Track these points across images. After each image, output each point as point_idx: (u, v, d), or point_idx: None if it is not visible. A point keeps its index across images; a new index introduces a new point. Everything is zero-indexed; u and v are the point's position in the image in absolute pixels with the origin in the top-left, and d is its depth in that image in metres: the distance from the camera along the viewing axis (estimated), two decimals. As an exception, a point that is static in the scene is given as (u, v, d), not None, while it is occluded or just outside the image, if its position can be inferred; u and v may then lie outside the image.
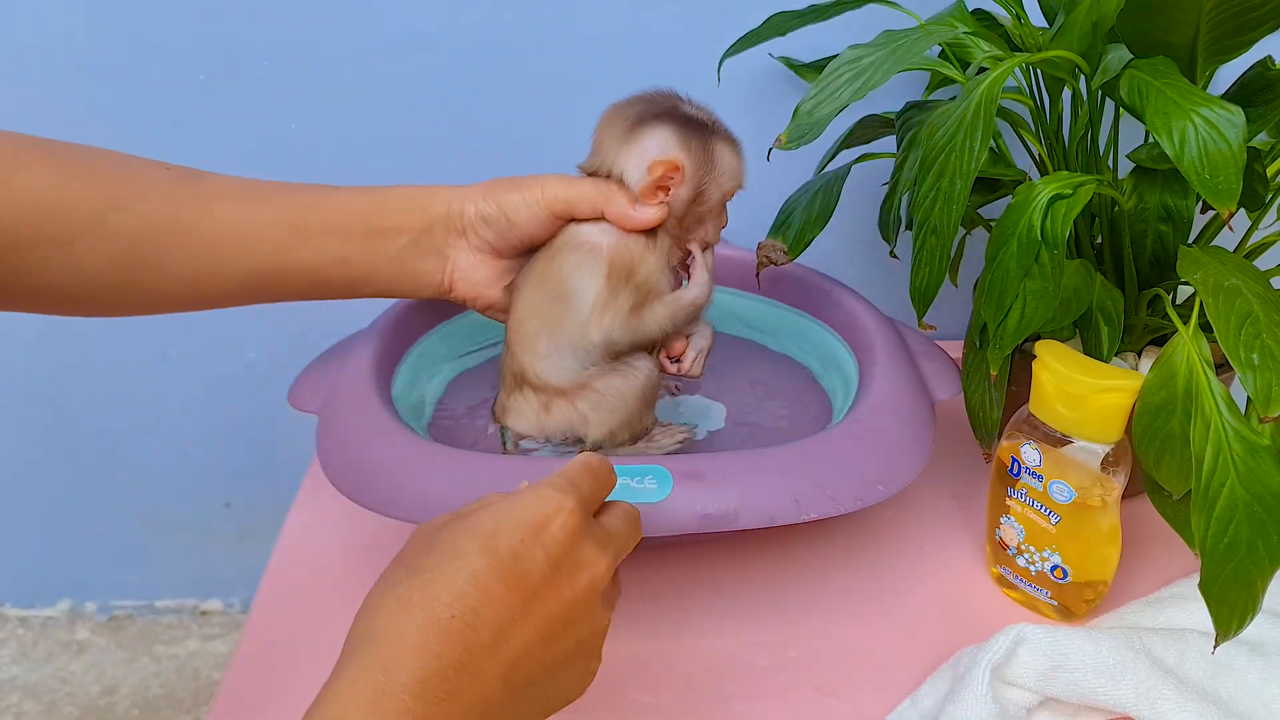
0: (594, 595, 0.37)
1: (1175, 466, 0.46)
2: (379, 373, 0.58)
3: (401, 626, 0.33)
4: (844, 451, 0.51)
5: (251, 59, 0.74)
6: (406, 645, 0.32)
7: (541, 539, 0.36)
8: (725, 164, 0.53)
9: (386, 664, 0.32)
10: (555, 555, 0.36)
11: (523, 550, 0.35)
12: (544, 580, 0.35)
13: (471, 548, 0.35)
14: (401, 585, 0.34)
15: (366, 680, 0.31)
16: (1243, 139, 0.43)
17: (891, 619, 0.54)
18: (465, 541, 0.35)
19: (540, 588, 0.35)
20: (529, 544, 0.35)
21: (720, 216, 0.55)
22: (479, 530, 0.35)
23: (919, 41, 0.51)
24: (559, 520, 0.36)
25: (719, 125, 0.54)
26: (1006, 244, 0.48)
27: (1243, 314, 0.43)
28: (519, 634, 0.35)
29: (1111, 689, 0.45)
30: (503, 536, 0.35)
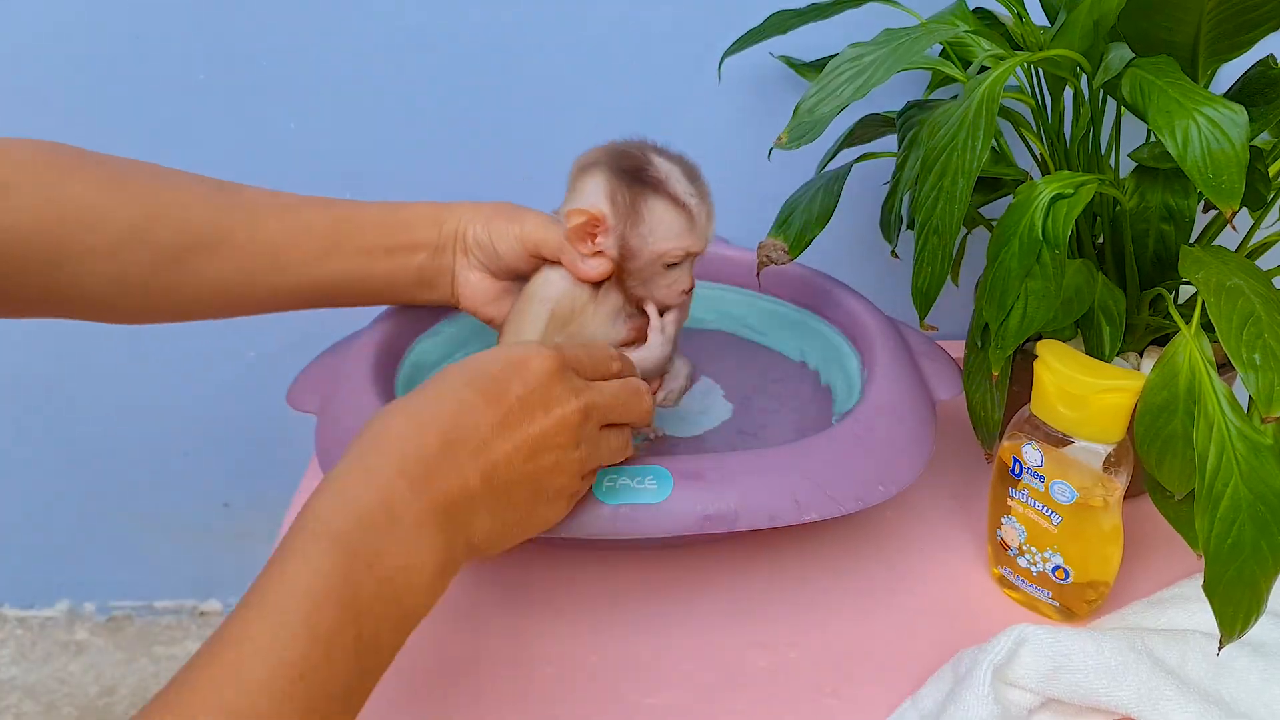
0: (565, 430, 0.42)
1: (1177, 467, 0.46)
2: (378, 373, 0.58)
3: (387, 427, 0.38)
4: (844, 451, 0.51)
5: (251, 59, 0.74)
6: (390, 437, 0.38)
7: (520, 372, 0.41)
8: (656, 221, 0.49)
9: (372, 453, 0.37)
10: (531, 386, 0.41)
11: (501, 376, 0.41)
12: (519, 403, 0.41)
13: (454, 371, 0.41)
14: (390, 405, 0.40)
15: (358, 466, 0.37)
16: (1245, 138, 0.42)
17: (891, 619, 0.54)
18: (449, 370, 0.41)
19: (515, 409, 0.40)
20: (507, 373, 0.41)
21: (670, 276, 0.52)
22: (464, 363, 0.42)
23: (920, 40, 0.51)
24: (536, 362, 0.42)
25: (666, 183, 0.49)
26: (1008, 243, 0.48)
27: (1245, 314, 0.43)
28: (498, 443, 0.40)
29: (1113, 690, 0.45)
30: (484, 364, 0.42)
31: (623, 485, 0.48)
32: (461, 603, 0.55)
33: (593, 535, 0.48)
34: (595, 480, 0.47)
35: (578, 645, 0.52)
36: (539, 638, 0.52)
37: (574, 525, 0.47)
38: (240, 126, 0.77)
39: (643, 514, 0.48)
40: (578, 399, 0.43)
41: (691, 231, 0.50)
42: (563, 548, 0.59)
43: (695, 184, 0.51)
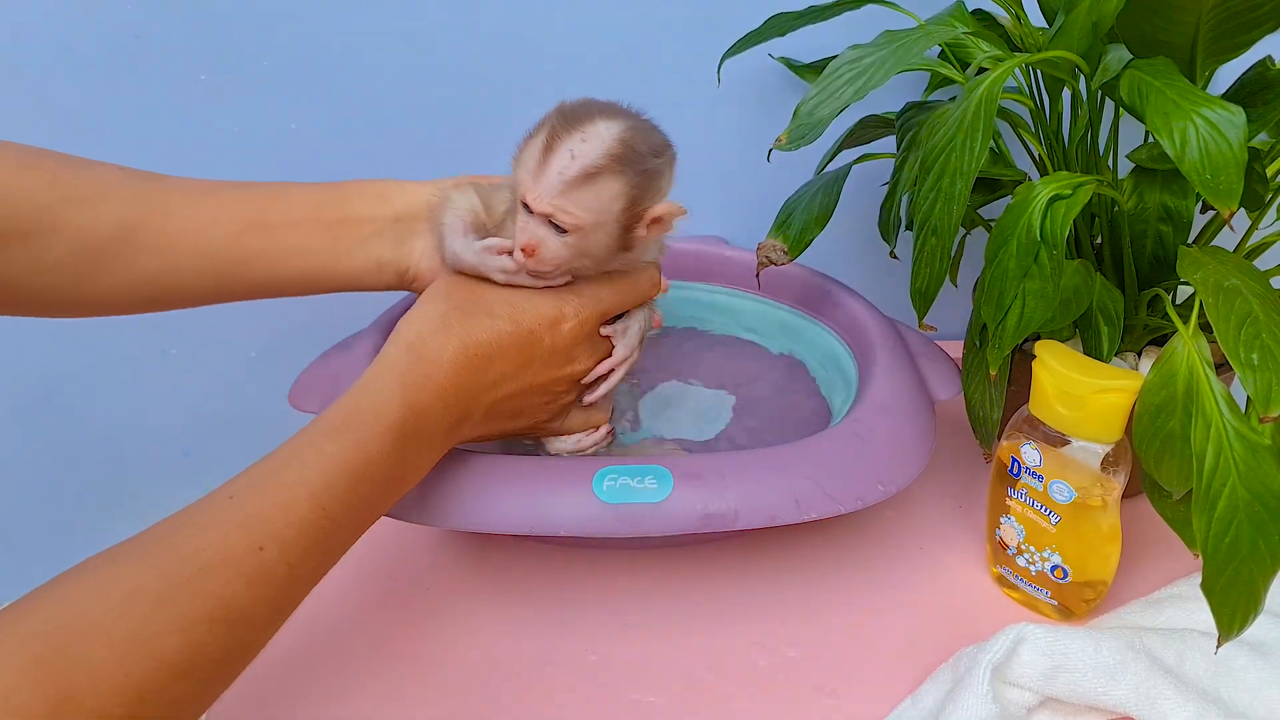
0: (570, 381, 0.51)
1: (1175, 466, 0.46)
2: (379, 373, 0.58)
3: (442, 346, 0.46)
4: (844, 451, 0.51)
5: (251, 59, 0.74)
6: (443, 357, 0.46)
7: (553, 331, 0.49)
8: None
9: (425, 366, 0.45)
10: (558, 347, 0.49)
11: (538, 332, 0.48)
12: (542, 359, 0.49)
13: (504, 314, 0.48)
14: (451, 317, 0.47)
15: (409, 369, 0.45)
16: (1244, 139, 0.43)
17: (891, 619, 0.54)
18: (501, 306, 0.48)
19: (536, 361, 0.49)
20: (542, 331, 0.48)
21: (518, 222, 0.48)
22: (514, 304, 0.48)
23: (919, 42, 0.51)
24: (570, 324, 0.49)
25: (545, 119, 0.48)
26: (1006, 244, 0.48)
27: (1242, 314, 0.43)
28: (510, 384, 0.48)
29: (1111, 689, 0.45)
30: (527, 319, 0.48)
31: (623, 485, 0.48)
32: (461, 603, 0.55)
33: (593, 535, 0.48)
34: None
35: (578, 645, 0.52)
36: (539, 638, 0.52)
37: (574, 525, 0.47)
38: (240, 127, 0.77)
39: (643, 514, 0.48)
40: (591, 358, 0.51)
41: (528, 172, 0.46)
42: (563, 548, 0.59)
43: (557, 134, 0.46)
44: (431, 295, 0.49)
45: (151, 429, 0.94)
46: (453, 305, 0.48)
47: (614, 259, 0.50)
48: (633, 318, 0.53)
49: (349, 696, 0.49)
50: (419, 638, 0.53)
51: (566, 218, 0.46)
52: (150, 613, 0.33)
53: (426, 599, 0.55)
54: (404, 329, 0.47)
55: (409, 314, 0.48)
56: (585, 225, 0.46)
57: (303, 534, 0.38)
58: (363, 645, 0.52)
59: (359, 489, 0.41)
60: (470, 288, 0.49)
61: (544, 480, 0.49)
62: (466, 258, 0.49)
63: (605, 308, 0.51)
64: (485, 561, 0.58)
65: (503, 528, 0.47)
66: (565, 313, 0.49)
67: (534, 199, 0.46)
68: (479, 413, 0.48)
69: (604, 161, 0.45)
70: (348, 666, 0.50)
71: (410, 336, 0.46)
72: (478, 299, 0.48)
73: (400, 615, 0.54)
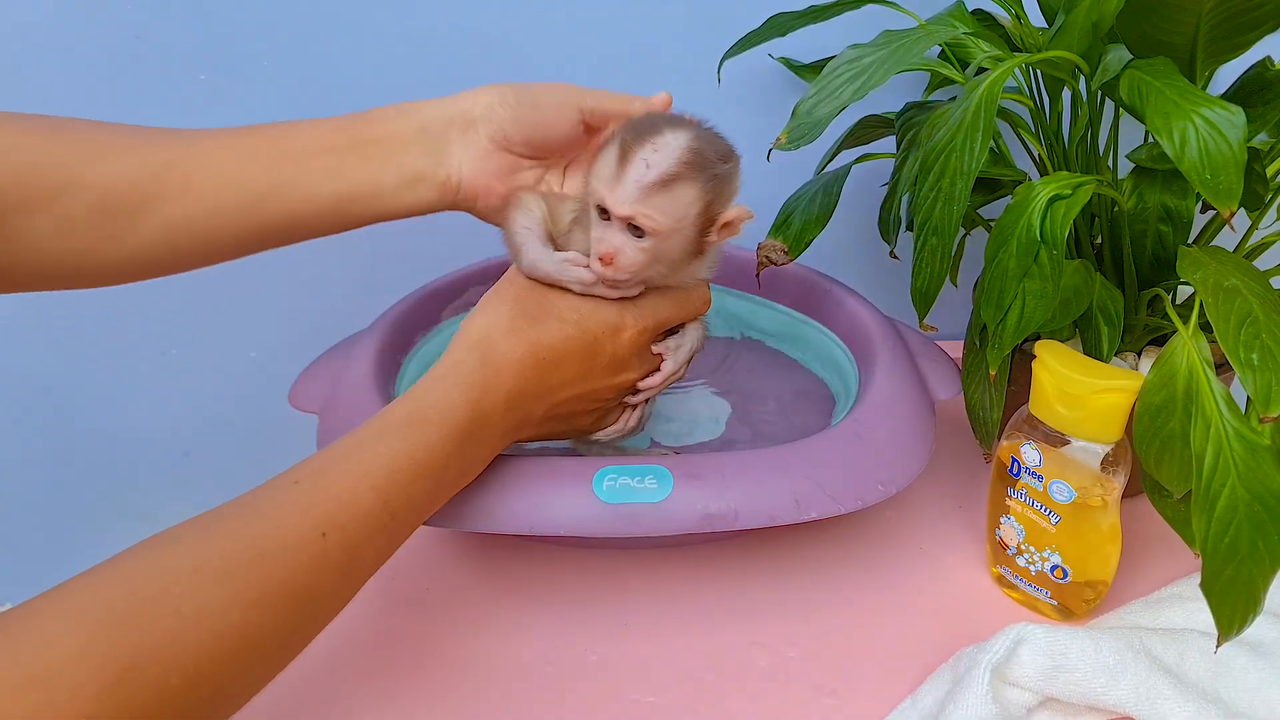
0: (621, 390, 0.52)
1: (1175, 466, 0.46)
2: (380, 373, 0.58)
3: (511, 349, 0.47)
4: (844, 451, 0.51)
5: (251, 59, 0.74)
6: (511, 360, 0.46)
7: (614, 339, 0.50)
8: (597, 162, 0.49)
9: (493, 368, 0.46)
10: (617, 355, 0.50)
11: (601, 339, 0.49)
12: (602, 367, 0.50)
13: (571, 319, 0.49)
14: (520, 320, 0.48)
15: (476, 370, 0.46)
16: (1243, 139, 0.43)
17: (891, 619, 0.54)
18: (570, 313, 0.49)
19: (596, 369, 0.50)
20: (605, 338, 0.49)
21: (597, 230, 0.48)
22: (580, 310, 0.49)
23: (919, 41, 0.51)
24: (630, 333, 0.50)
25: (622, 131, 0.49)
26: (1006, 244, 0.48)
27: (1242, 314, 0.43)
28: (569, 389, 0.49)
29: (1111, 689, 0.45)
30: (592, 325, 0.49)
31: (623, 485, 0.48)
32: (462, 603, 0.55)
33: (593, 535, 0.48)
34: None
35: (578, 645, 0.52)
36: (539, 638, 0.53)
37: (574, 525, 0.48)
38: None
39: (643, 514, 0.48)
40: (642, 368, 0.52)
41: (606, 180, 0.47)
42: (563, 547, 0.59)
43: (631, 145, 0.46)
44: (499, 297, 0.49)
45: (152, 429, 0.94)
46: (521, 309, 0.48)
47: (685, 266, 0.51)
48: (686, 335, 0.54)
49: (349, 696, 0.49)
50: (419, 637, 0.53)
51: (647, 221, 0.46)
52: (213, 590, 0.34)
53: (426, 599, 0.55)
54: (471, 329, 0.48)
55: (474, 315, 0.49)
56: (664, 229, 0.47)
57: (364, 524, 0.39)
58: (362, 645, 0.52)
59: (420, 484, 0.42)
60: (538, 292, 0.49)
61: (544, 480, 0.49)
62: (545, 267, 0.49)
63: (662, 319, 0.52)
64: (485, 561, 0.58)
65: (503, 528, 0.48)
66: (626, 321, 0.50)
67: (614, 203, 0.46)
68: (537, 415, 0.49)
69: (678, 168, 0.46)
70: (347, 666, 0.50)
71: (478, 337, 0.47)
72: (545, 303, 0.49)
73: (400, 615, 0.54)
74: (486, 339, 0.47)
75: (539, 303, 0.49)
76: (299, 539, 0.37)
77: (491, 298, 0.50)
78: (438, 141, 0.52)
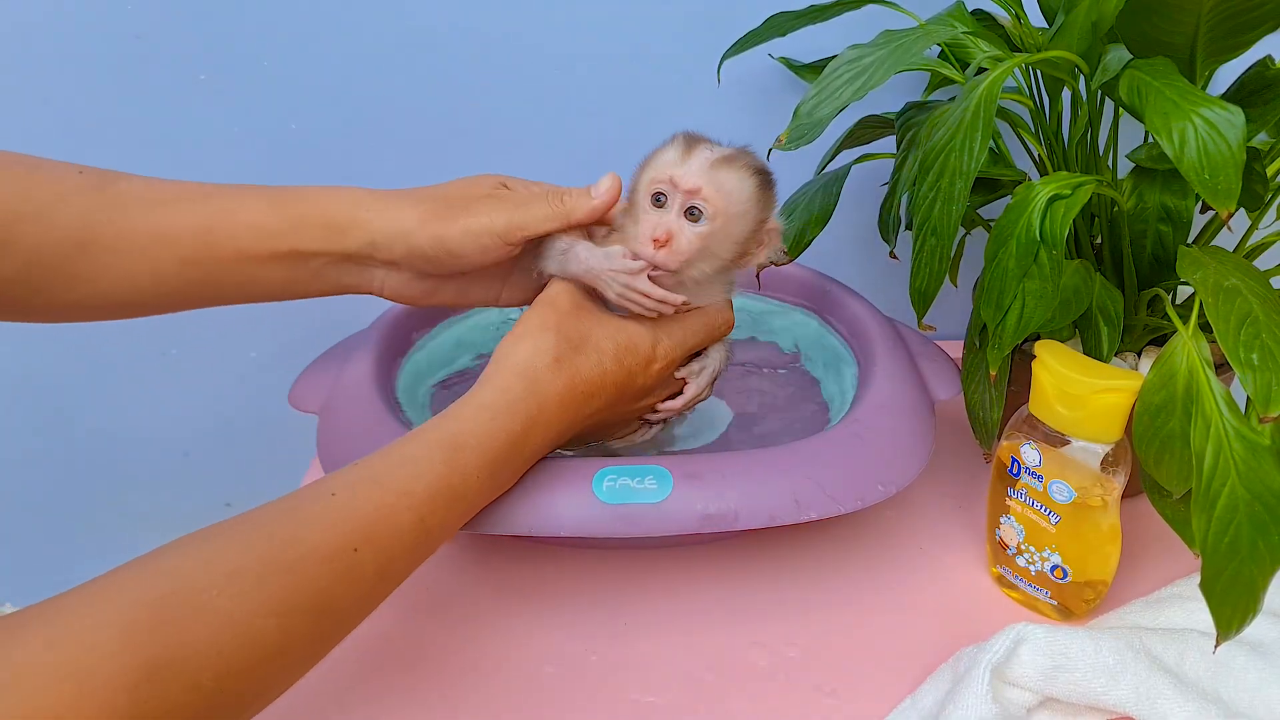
0: (644, 410, 0.54)
1: (1175, 466, 0.46)
2: (379, 373, 0.58)
3: (553, 380, 0.47)
4: (844, 451, 0.51)
5: (251, 59, 0.74)
6: (554, 391, 0.47)
7: (646, 371, 0.51)
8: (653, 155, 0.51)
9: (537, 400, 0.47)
10: (647, 385, 0.52)
11: (635, 370, 0.50)
12: (632, 395, 0.51)
13: (609, 350, 0.49)
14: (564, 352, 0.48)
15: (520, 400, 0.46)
16: (1242, 139, 0.43)
17: (891, 619, 0.54)
18: (607, 343, 0.49)
19: (626, 396, 0.51)
20: (638, 370, 0.51)
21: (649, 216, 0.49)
22: (618, 342, 0.50)
23: (918, 41, 0.51)
24: (660, 364, 0.51)
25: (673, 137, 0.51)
26: (1005, 244, 0.48)
27: (1242, 314, 0.43)
28: (600, 415, 0.51)
29: (1111, 689, 0.45)
30: (628, 360, 0.50)
31: (623, 485, 0.48)
32: (461, 603, 0.55)
33: (593, 535, 0.48)
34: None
35: (578, 645, 0.52)
36: (539, 638, 0.53)
37: (574, 525, 0.48)
38: (240, 126, 0.77)
39: (643, 514, 0.48)
40: (665, 391, 0.54)
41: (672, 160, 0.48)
42: (563, 548, 0.59)
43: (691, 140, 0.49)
44: (541, 325, 0.49)
45: (152, 429, 0.94)
46: (563, 338, 0.48)
47: (723, 276, 0.52)
48: (710, 358, 0.55)
49: (348, 696, 0.49)
50: (418, 638, 0.53)
51: (712, 195, 0.48)
52: (248, 595, 0.34)
53: (427, 599, 0.55)
54: (516, 356, 0.48)
55: (518, 340, 0.48)
56: (723, 212, 0.48)
57: (397, 541, 0.40)
58: (363, 645, 0.52)
59: (455, 506, 0.43)
60: (578, 319, 0.50)
61: (544, 481, 0.49)
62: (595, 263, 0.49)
63: (690, 347, 0.53)
64: (486, 562, 0.58)
65: (504, 529, 0.47)
66: (658, 354, 0.51)
67: (683, 176, 0.48)
68: (567, 437, 0.50)
69: (739, 155, 0.49)
70: (348, 666, 0.50)
71: (524, 366, 0.47)
72: (586, 333, 0.49)
73: (400, 615, 0.54)
74: (532, 369, 0.47)
75: (580, 332, 0.49)
76: (333, 550, 0.38)
77: (534, 324, 0.49)
78: (363, 268, 0.51)
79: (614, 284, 0.49)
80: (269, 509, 0.38)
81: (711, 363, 0.55)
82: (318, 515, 0.38)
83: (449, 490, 0.43)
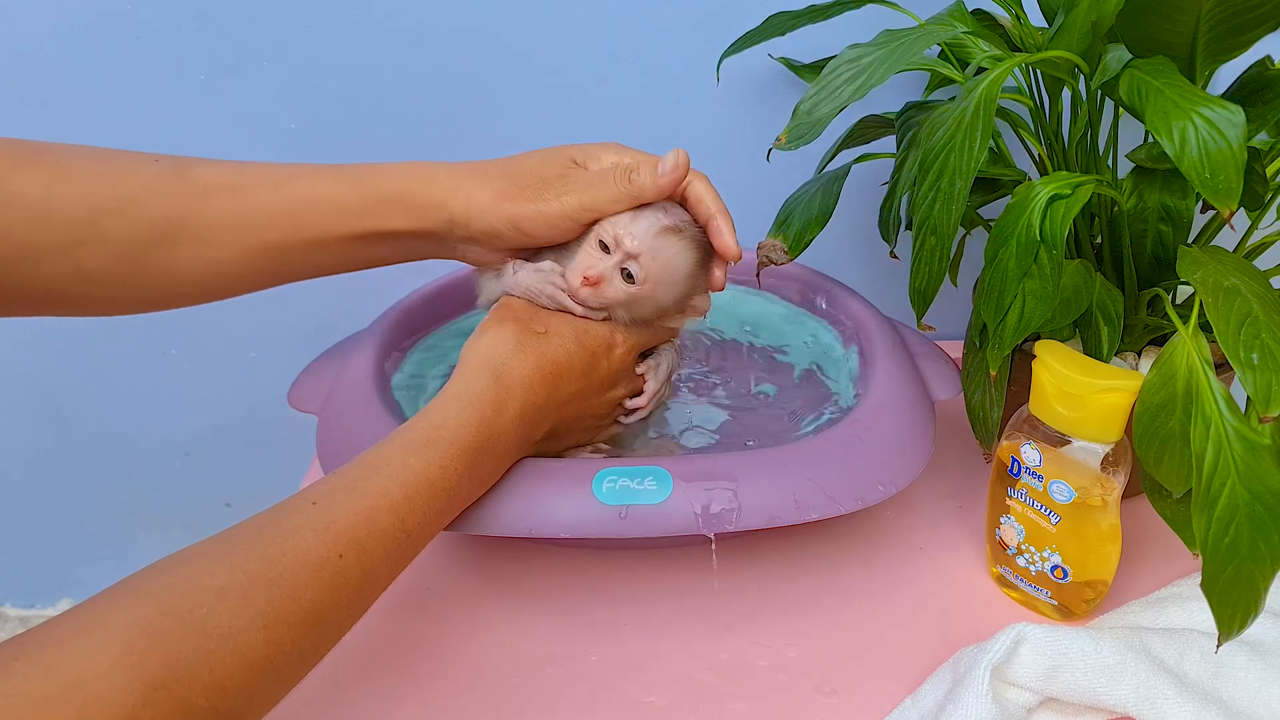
0: (611, 405, 0.54)
1: (1175, 466, 0.46)
2: (379, 373, 0.58)
3: (519, 366, 0.48)
4: (844, 451, 0.51)
5: (251, 59, 0.74)
6: (521, 376, 0.48)
7: (609, 356, 0.52)
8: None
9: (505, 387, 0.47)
10: (611, 371, 0.52)
11: (598, 355, 0.51)
12: (598, 382, 0.52)
13: (570, 334, 0.50)
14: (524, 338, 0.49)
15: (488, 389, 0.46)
16: (1243, 138, 0.42)
17: (891, 618, 0.54)
18: (567, 329, 0.50)
19: (594, 384, 0.51)
20: (601, 354, 0.51)
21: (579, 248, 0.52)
22: (576, 326, 0.51)
23: (918, 41, 0.51)
24: (620, 350, 0.52)
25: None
26: (1006, 244, 0.48)
27: (1242, 314, 0.43)
28: (573, 405, 0.51)
29: (1111, 689, 0.45)
30: (589, 341, 0.51)
31: (623, 486, 0.48)
32: (462, 603, 0.55)
33: (593, 535, 0.48)
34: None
35: (578, 645, 0.52)
36: (539, 638, 0.53)
37: (574, 526, 0.48)
38: (240, 126, 0.77)
39: (643, 514, 0.48)
40: (628, 387, 0.54)
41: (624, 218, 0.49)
42: (563, 548, 0.59)
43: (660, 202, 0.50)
44: (500, 318, 0.50)
45: (152, 429, 0.94)
46: (523, 327, 0.50)
47: (646, 323, 0.54)
48: (662, 355, 0.56)
49: (348, 696, 0.49)
50: (419, 638, 0.53)
51: (649, 263, 0.49)
52: (237, 611, 0.34)
53: (427, 600, 0.55)
54: (478, 349, 0.49)
55: (478, 337, 0.50)
56: (655, 280, 0.50)
57: (380, 543, 0.40)
58: (362, 646, 0.52)
59: (434, 503, 0.43)
60: (534, 313, 0.51)
61: (544, 482, 0.49)
62: (525, 278, 0.52)
63: (644, 340, 0.54)
64: (486, 563, 0.58)
65: (504, 530, 0.47)
66: (617, 339, 0.52)
67: (628, 236, 0.49)
68: (542, 431, 0.50)
69: (687, 226, 0.50)
70: (347, 667, 0.50)
71: (486, 355, 0.48)
72: (545, 321, 0.51)
73: (400, 616, 0.54)
74: (495, 356, 0.48)
75: (539, 320, 0.51)
76: (318, 559, 0.38)
77: (492, 319, 0.51)
78: (441, 244, 0.53)
79: (541, 295, 0.52)
80: (251, 523, 0.39)
81: (665, 359, 0.56)
82: (301, 525, 0.38)
83: (427, 486, 0.43)
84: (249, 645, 0.34)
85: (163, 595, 0.34)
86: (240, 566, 0.36)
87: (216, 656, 0.33)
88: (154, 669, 0.31)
